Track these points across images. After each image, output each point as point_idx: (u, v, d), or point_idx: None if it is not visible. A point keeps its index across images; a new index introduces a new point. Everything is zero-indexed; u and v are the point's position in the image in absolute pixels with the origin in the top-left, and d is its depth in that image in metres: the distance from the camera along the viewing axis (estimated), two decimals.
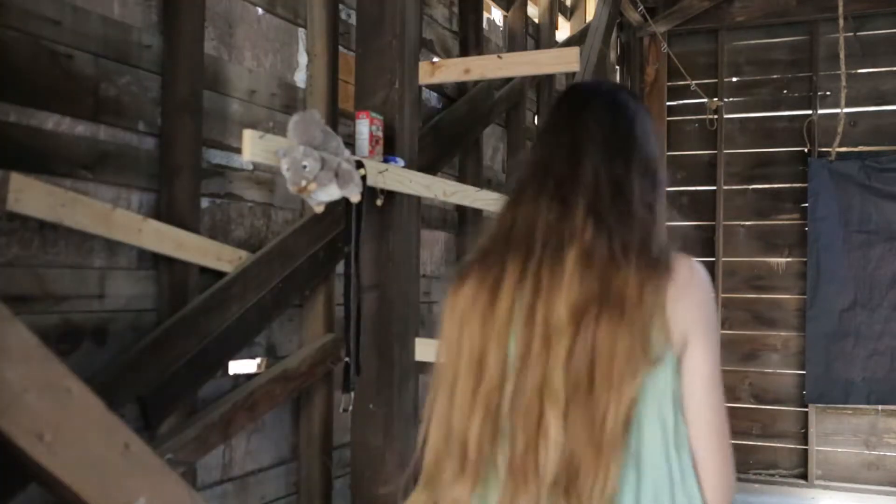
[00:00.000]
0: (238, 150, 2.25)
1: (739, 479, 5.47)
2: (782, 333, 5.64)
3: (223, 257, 2.19)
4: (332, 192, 1.88)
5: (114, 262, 1.92)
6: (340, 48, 2.70)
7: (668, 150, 5.97)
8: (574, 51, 2.40)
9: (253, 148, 1.74)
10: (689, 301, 1.05)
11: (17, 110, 1.70)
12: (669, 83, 5.96)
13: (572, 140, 1.15)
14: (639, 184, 1.12)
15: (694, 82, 5.69)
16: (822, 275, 5.40)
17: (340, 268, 2.59)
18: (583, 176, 1.11)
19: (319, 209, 1.96)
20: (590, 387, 1.02)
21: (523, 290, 1.08)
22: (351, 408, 2.01)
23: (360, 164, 1.95)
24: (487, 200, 2.62)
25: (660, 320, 1.02)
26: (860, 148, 5.44)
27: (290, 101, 2.53)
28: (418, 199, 2.42)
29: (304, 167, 1.79)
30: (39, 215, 1.67)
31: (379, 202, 2.10)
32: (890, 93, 5.44)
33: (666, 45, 5.78)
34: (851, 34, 5.23)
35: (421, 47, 3.20)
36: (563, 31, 5.00)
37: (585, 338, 1.02)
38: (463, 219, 3.66)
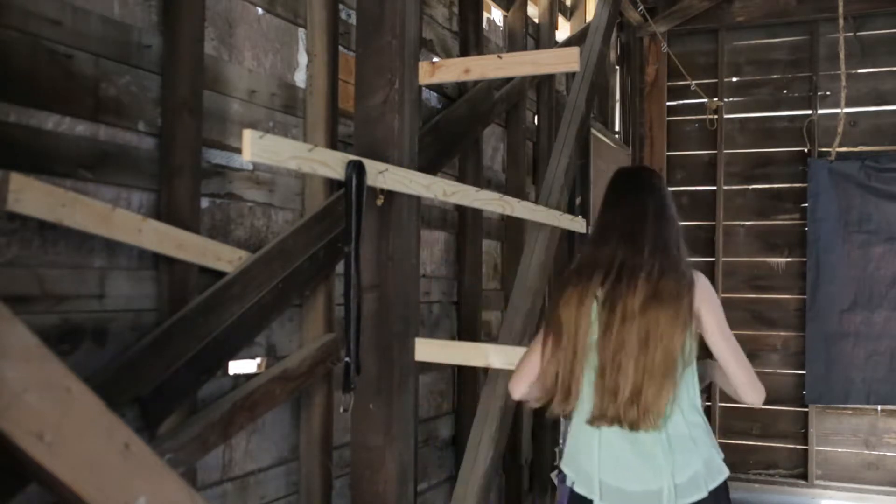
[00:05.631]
0: (238, 150, 2.25)
1: (739, 479, 5.47)
2: (782, 333, 5.64)
3: (223, 257, 2.19)
4: None
5: (114, 262, 1.92)
6: (340, 48, 2.70)
7: (668, 150, 5.97)
8: (574, 51, 2.40)
9: (253, 148, 1.74)
10: (703, 294, 1.93)
11: (17, 110, 1.70)
12: (669, 83, 5.96)
13: (634, 211, 1.99)
14: (672, 236, 1.98)
15: (694, 82, 5.69)
16: (822, 275, 5.40)
17: (340, 268, 2.59)
18: (645, 233, 1.94)
19: None
20: (647, 344, 1.84)
21: (604, 293, 1.90)
22: (351, 408, 2.02)
23: (360, 165, 1.95)
24: (487, 200, 2.63)
25: (688, 306, 1.87)
26: (860, 148, 5.44)
27: (290, 100, 2.53)
28: (418, 198, 2.42)
29: None
30: (39, 215, 1.66)
31: (379, 202, 2.10)
32: (890, 93, 5.44)
33: (666, 45, 5.78)
34: (851, 34, 5.24)
35: (421, 47, 3.20)
36: (563, 31, 5.00)
37: (647, 318, 1.85)
38: (463, 219, 3.66)
